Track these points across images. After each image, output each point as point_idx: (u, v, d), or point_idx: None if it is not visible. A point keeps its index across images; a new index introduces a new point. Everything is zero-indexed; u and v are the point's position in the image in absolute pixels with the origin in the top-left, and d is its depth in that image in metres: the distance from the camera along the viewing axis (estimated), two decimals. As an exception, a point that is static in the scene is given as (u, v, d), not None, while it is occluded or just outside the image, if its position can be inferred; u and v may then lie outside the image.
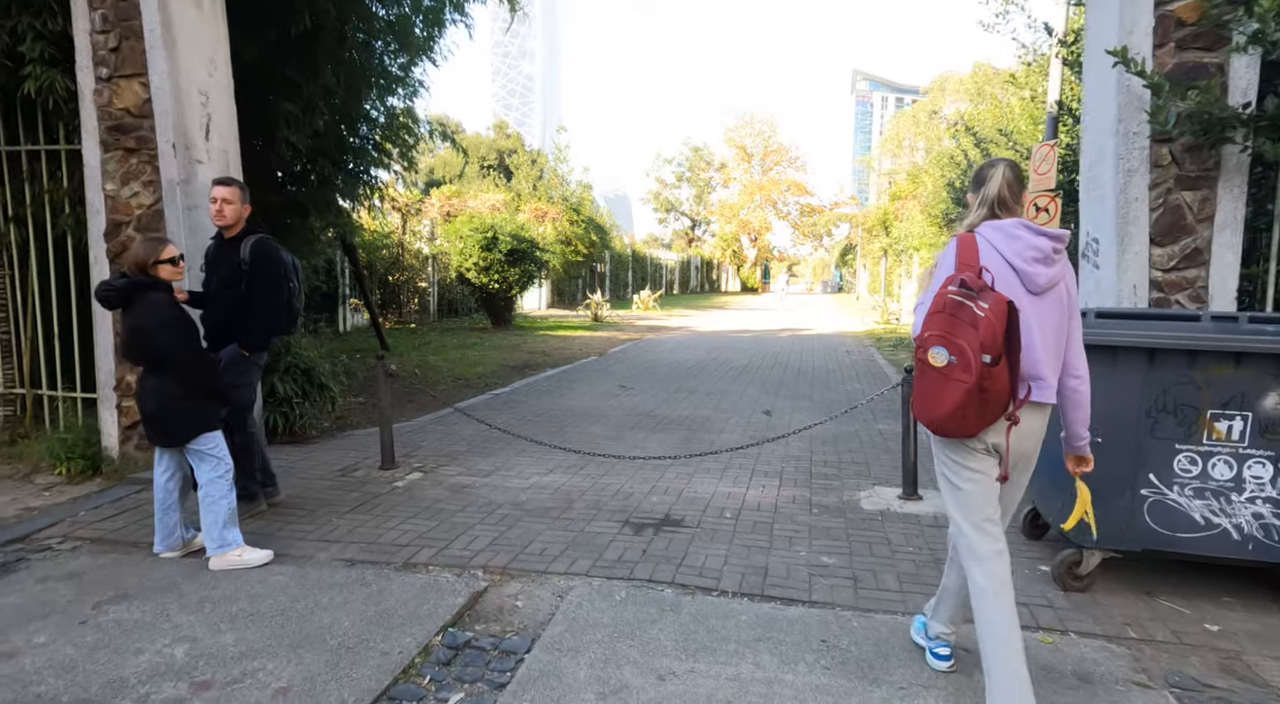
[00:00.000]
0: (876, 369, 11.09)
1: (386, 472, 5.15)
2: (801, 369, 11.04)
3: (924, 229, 16.81)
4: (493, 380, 9.68)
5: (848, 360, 12.18)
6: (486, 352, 12.80)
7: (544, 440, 5.78)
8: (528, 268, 16.54)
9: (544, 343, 14.53)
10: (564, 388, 9.03)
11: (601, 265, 31.06)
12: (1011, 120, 11.16)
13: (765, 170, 57.02)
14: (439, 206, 20.75)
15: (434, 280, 18.25)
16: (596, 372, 10.54)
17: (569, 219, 25.72)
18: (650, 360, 11.96)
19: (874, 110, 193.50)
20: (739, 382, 9.72)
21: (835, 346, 14.54)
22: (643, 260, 38.42)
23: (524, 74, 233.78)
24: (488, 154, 39.48)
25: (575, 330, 17.61)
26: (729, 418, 7.26)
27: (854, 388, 9.21)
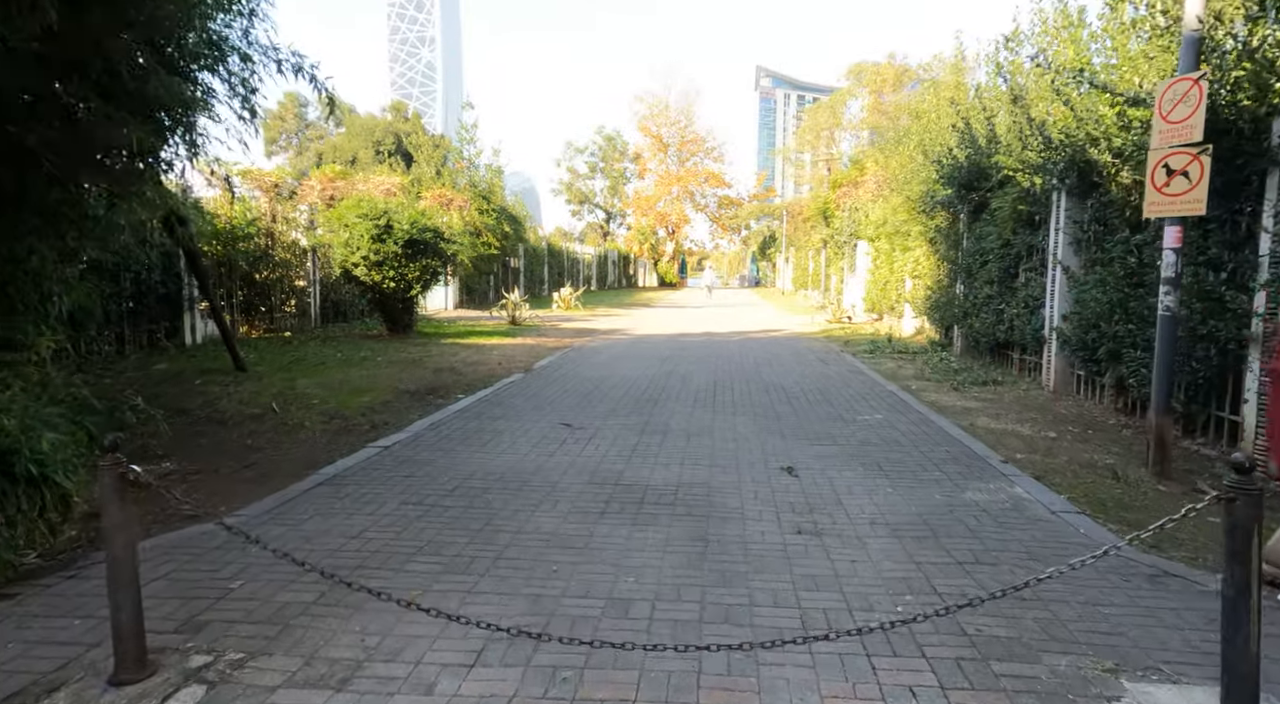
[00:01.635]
0: (876, 386, 8.96)
1: (122, 688, 2.45)
2: (786, 388, 8.78)
3: (888, 216, 14.92)
4: (383, 418, 6.94)
5: (832, 373, 10.02)
6: (378, 370, 9.94)
7: (466, 575, 3.21)
8: (430, 263, 13.66)
9: (453, 355, 11.76)
10: (484, 431, 6.40)
11: (515, 260, 28.18)
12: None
13: (682, 161, 55.17)
14: (319, 190, 17.46)
15: (315, 278, 15.07)
16: (525, 399, 7.95)
17: (478, 208, 22.78)
18: (591, 379, 9.44)
19: (777, 107, 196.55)
20: (719, 411, 7.35)
21: (802, 353, 12.41)
22: (559, 255, 35.69)
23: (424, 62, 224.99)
24: (384, 137, 35.72)
25: (490, 336, 14.84)
26: (738, 483, 4.86)
27: (875, 418, 6.99)
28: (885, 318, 17.28)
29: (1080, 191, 7.53)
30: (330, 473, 5.02)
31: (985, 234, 10.08)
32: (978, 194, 10.42)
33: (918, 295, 13.84)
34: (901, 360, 11.29)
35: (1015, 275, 9.55)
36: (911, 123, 15.58)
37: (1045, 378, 8.50)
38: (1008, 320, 9.38)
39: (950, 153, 10.73)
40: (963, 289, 11.34)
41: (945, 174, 10.85)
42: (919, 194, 12.32)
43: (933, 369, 10.22)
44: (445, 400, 7.92)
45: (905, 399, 8.00)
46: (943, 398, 8.18)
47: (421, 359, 11.14)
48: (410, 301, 14.06)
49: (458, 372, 9.99)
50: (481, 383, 9.08)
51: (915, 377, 9.69)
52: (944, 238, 11.89)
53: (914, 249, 13.94)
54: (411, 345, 12.87)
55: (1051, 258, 8.26)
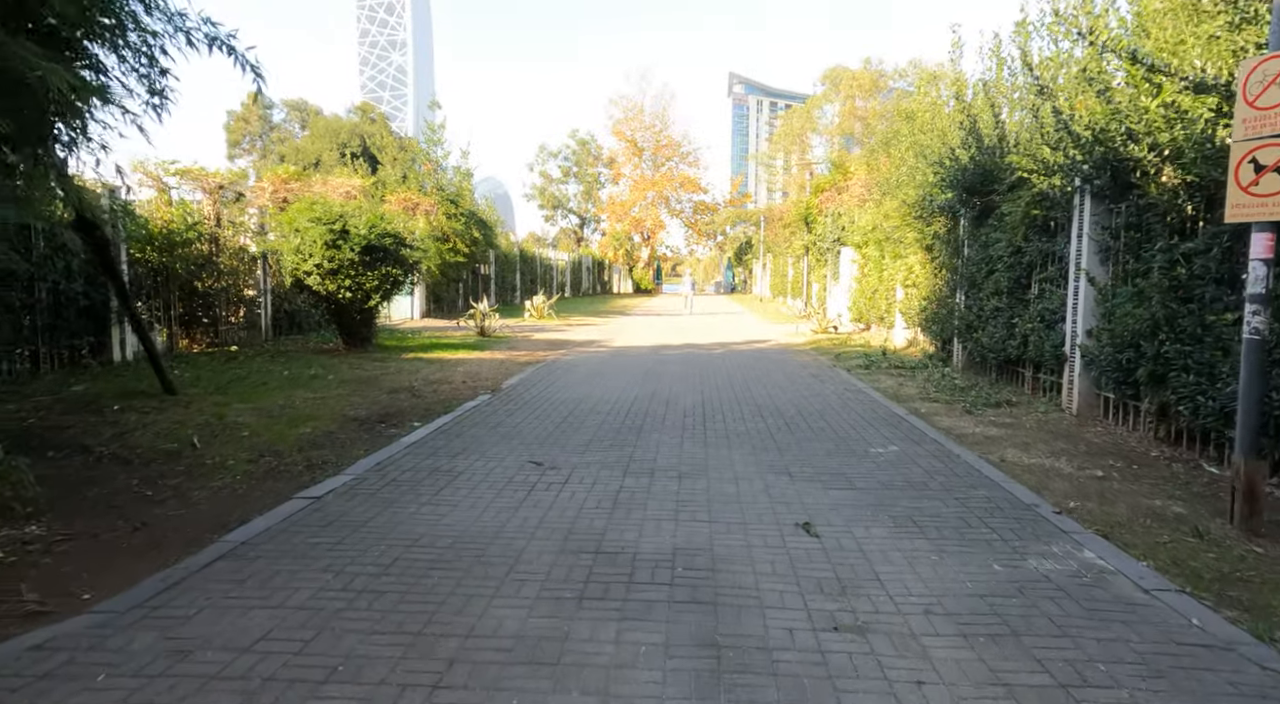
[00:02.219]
0: (879, 408, 8.12)
1: None
2: (781, 410, 7.90)
3: (879, 221, 14.16)
4: (322, 455, 5.93)
5: (829, 392, 9.17)
6: (327, 391, 8.91)
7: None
8: (391, 271, 12.61)
9: (414, 372, 10.73)
10: (439, 473, 5.42)
11: (486, 267, 27.11)
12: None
13: (657, 166, 54.39)
14: (271, 192, 16.29)
15: (265, 288, 13.93)
16: (489, 428, 6.98)
17: (446, 212, 21.70)
18: (566, 401, 8.49)
19: (750, 113, 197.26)
20: (711, 442, 6.44)
21: (793, 368, 11.57)
22: (531, 261, 34.64)
23: (395, 66, 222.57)
24: (349, 139, 34.43)
25: (457, 350, 13.81)
26: (748, 547, 3.95)
27: (890, 451, 6.12)
28: (873, 328, 16.54)
29: (1112, 194, 6.76)
30: (239, 538, 4.02)
31: (992, 241, 9.32)
32: (983, 198, 9.67)
33: (911, 306, 13.08)
34: (900, 377, 10.49)
35: (1027, 286, 8.79)
36: (902, 124, 14.87)
37: (1066, 399, 7.72)
38: (1019, 335, 8.60)
39: (952, 154, 9.96)
40: (964, 300, 10.58)
41: (947, 177, 10.08)
42: (915, 198, 11.56)
43: (936, 387, 9.42)
44: (398, 430, 6.93)
45: (916, 425, 7.16)
46: (957, 423, 7.35)
47: (378, 377, 10.10)
48: (369, 313, 12.98)
49: (417, 393, 8.98)
50: (442, 407, 8.09)
51: (920, 396, 8.87)
52: (943, 245, 11.14)
53: (907, 256, 13.19)
54: (369, 361, 11.81)
55: (1073, 267, 7.49)
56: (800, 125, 53.53)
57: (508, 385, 9.73)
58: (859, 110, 46.01)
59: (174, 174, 11.95)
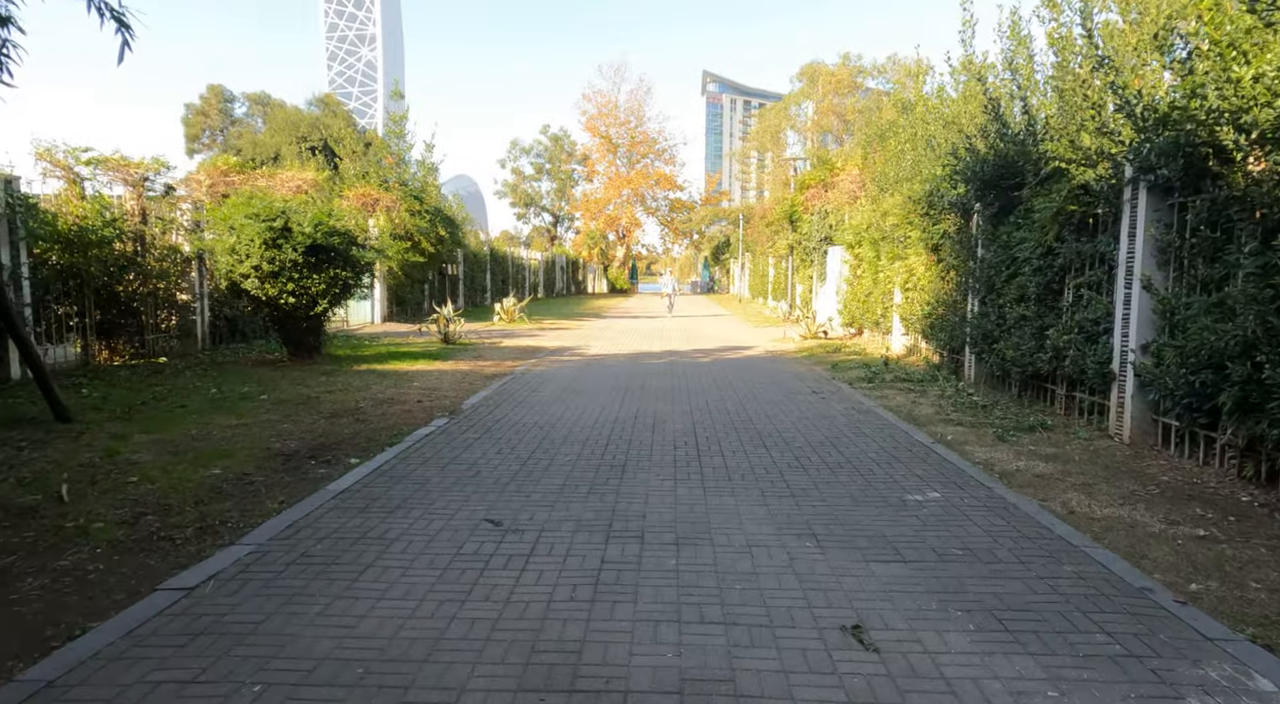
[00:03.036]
0: (898, 434, 7.03)
1: None
2: (787, 439, 6.78)
3: (875, 219, 13.11)
4: (222, 511, 4.68)
5: (836, 413, 8.07)
6: (257, 416, 7.62)
7: None
8: (340, 273, 11.29)
9: (363, 388, 9.46)
10: (368, 540, 4.20)
11: (453, 267, 25.74)
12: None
13: (632, 163, 53.18)
14: (208, 185, 14.82)
15: (202, 291, 12.53)
16: (441, 466, 5.77)
17: (409, 209, 20.31)
18: (535, 427, 7.30)
19: (724, 112, 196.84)
20: (711, 486, 5.29)
21: (789, 381, 10.46)
22: (503, 261, 33.26)
23: (364, 61, 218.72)
24: (310, 133, 32.76)
25: (416, 360, 12.53)
26: (783, 673, 2.80)
27: (930, 499, 5.02)
28: (866, 333, 15.54)
29: (1182, 184, 5.72)
30: (42, 676, 2.78)
31: (1016, 240, 8.29)
32: (1005, 193, 8.63)
33: (912, 311, 12.06)
34: (910, 392, 9.43)
35: (1059, 291, 7.77)
36: (898, 116, 13.88)
37: (1115, 424, 6.69)
38: (1051, 347, 7.57)
39: (968, 143, 8.91)
40: (977, 306, 9.56)
41: (961, 170, 9.04)
42: (921, 194, 10.52)
43: (954, 406, 8.37)
44: (330, 470, 5.69)
45: (949, 459, 6.07)
46: (994, 454, 6.28)
47: (320, 397, 8.80)
48: (317, 320, 11.64)
49: (362, 416, 7.72)
50: (388, 436, 6.85)
51: (939, 417, 7.81)
52: (953, 245, 10.11)
53: (908, 257, 12.17)
54: (315, 375, 10.49)
55: (1122, 271, 6.47)
56: (777, 122, 52.62)
57: (469, 405, 8.50)
58: (837, 107, 45.26)
59: (86, 163, 10.51)
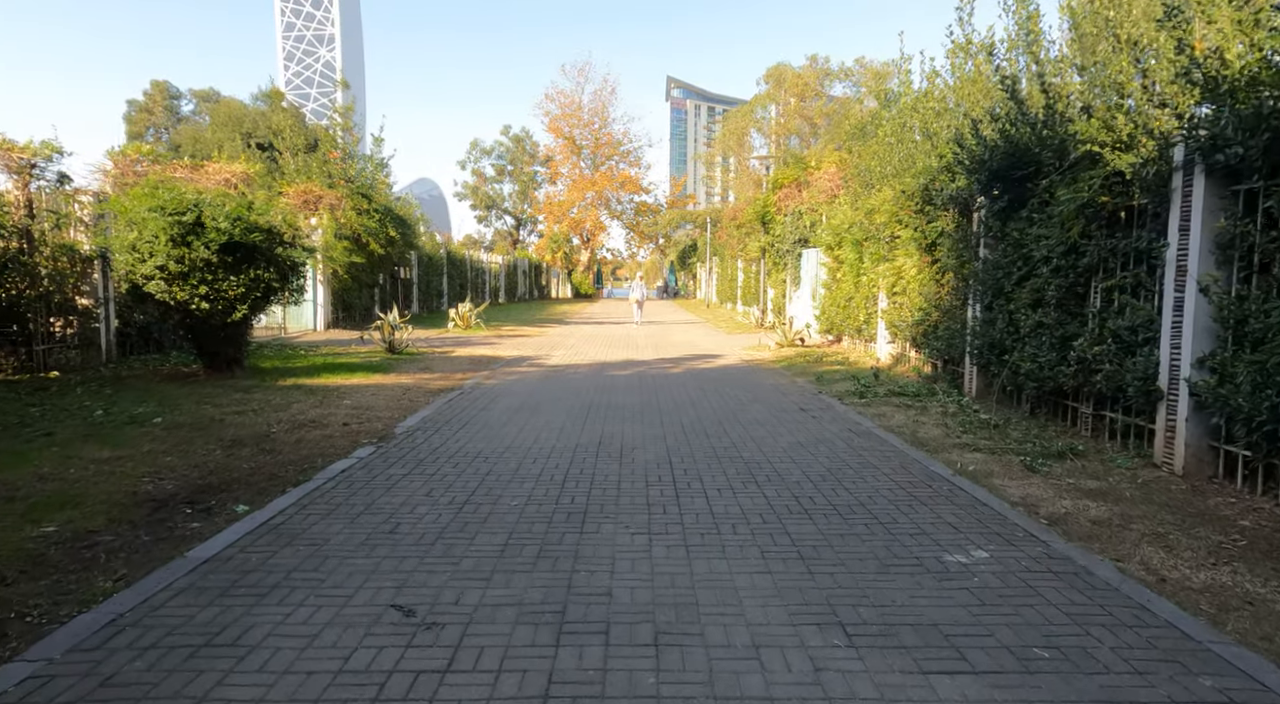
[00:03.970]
0: (912, 465, 5.95)
1: None
2: (782, 473, 5.65)
3: (860, 218, 12.11)
4: (30, 594, 3.39)
5: (832, 436, 6.97)
6: (138, 445, 6.27)
7: None
8: (262, 275, 9.91)
9: (282, 408, 8.12)
10: (214, 650, 2.96)
11: (406, 270, 24.27)
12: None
13: (596, 165, 51.96)
14: (117, 175, 13.25)
15: (107, 295, 11.02)
16: (350, 519, 4.53)
17: (355, 207, 18.86)
18: (477, 458, 6.08)
19: (688, 118, 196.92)
20: (692, 542, 4.13)
21: (771, 396, 9.36)
22: (460, 264, 31.79)
23: (322, 62, 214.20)
24: (255, 128, 30.94)
25: (354, 372, 11.17)
26: None
27: (978, 561, 3.92)
28: (846, 341, 14.56)
29: (1264, 167, 4.73)
30: None
31: (1030, 238, 7.31)
32: (1016, 184, 7.66)
33: (901, 316, 11.08)
34: (908, 409, 8.40)
35: (1084, 295, 6.79)
36: (882, 108, 12.96)
37: (1162, 451, 5.70)
38: (1077, 360, 6.58)
39: (974, 129, 7.92)
40: (980, 312, 8.58)
41: (964, 159, 8.05)
42: (915, 188, 9.54)
43: (962, 426, 7.35)
44: (206, 523, 4.41)
45: (978, 496, 5.00)
46: (1032, 491, 5.23)
47: (226, 419, 7.45)
48: (236, 328, 10.22)
49: (270, 445, 6.41)
50: (296, 472, 5.58)
51: (951, 441, 6.76)
52: (952, 244, 9.13)
53: (895, 258, 11.19)
54: (231, 391, 9.11)
55: (1171, 271, 5.50)
56: (742, 125, 51.89)
57: (404, 428, 7.24)
58: (804, 109, 44.66)
59: (-47, 145, 9.00)
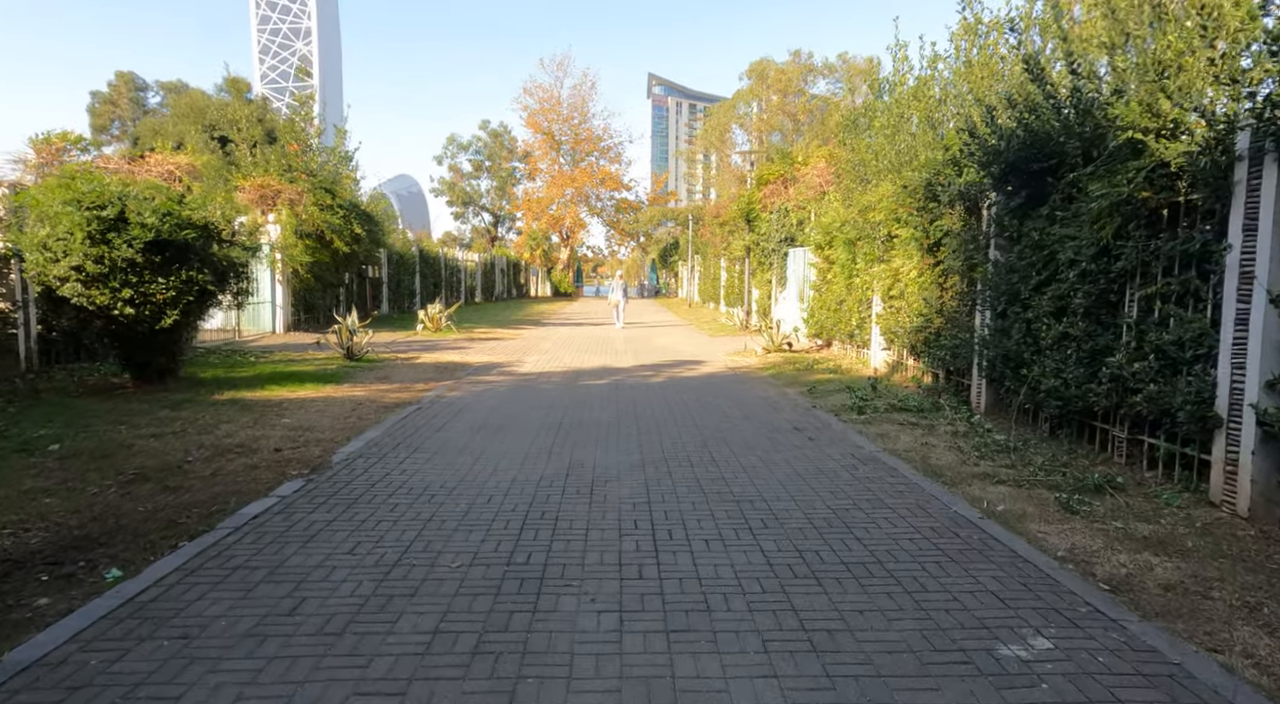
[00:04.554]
0: (930, 505, 5.12)
1: None
2: (779, 513, 4.79)
3: (854, 216, 11.29)
4: None
5: (834, 465, 6.12)
6: (16, 481, 5.29)
7: None
8: (196, 276, 8.89)
9: (210, 429, 7.15)
10: None
11: (375, 269, 23.18)
12: None
13: (576, 161, 50.90)
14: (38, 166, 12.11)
15: (25, 299, 9.93)
16: (244, 591, 3.60)
17: (317, 202, 17.77)
18: (423, 494, 5.16)
19: (669, 115, 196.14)
20: (675, 623, 3.25)
21: (759, 410, 8.51)
22: (434, 262, 30.68)
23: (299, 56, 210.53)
24: (218, 120, 29.63)
25: (303, 383, 10.18)
26: None
27: (1040, 656, 3.07)
28: (838, 346, 13.76)
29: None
30: None
31: (1054, 238, 6.50)
32: (1035, 178, 6.85)
33: (899, 322, 10.28)
34: (913, 428, 7.57)
35: (1117, 304, 5.99)
36: (875, 99, 12.14)
37: (1223, 489, 4.90)
38: (1110, 378, 5.78)
39: (989, 118, 7.09)
40: (990, 320, 7.79)
41: (980, 151, 7.23)
42: (917, 183, 8.73)
43: (977, 450, 6.53)
44: (58, 595, 3.48)
45: (1016, 549, 4.17)
46: (1078, 540, 4.40)
47: (136, 445, 6.47)
48: (167, 336, 9.18)
49: (177, 480, 5.45)
50: (199, 516, 4.64)
51: (969, 470, 5.94)
52: (959, 244, 8.31)
53: (891, 259, 10.39)
54: (156, 407, 8.10)
55: (1235, 277, 4.70)
56: (725, 121, 51.06)
57: (344, 455, 6.30)
58: (788, 105, 43.91)
59: None
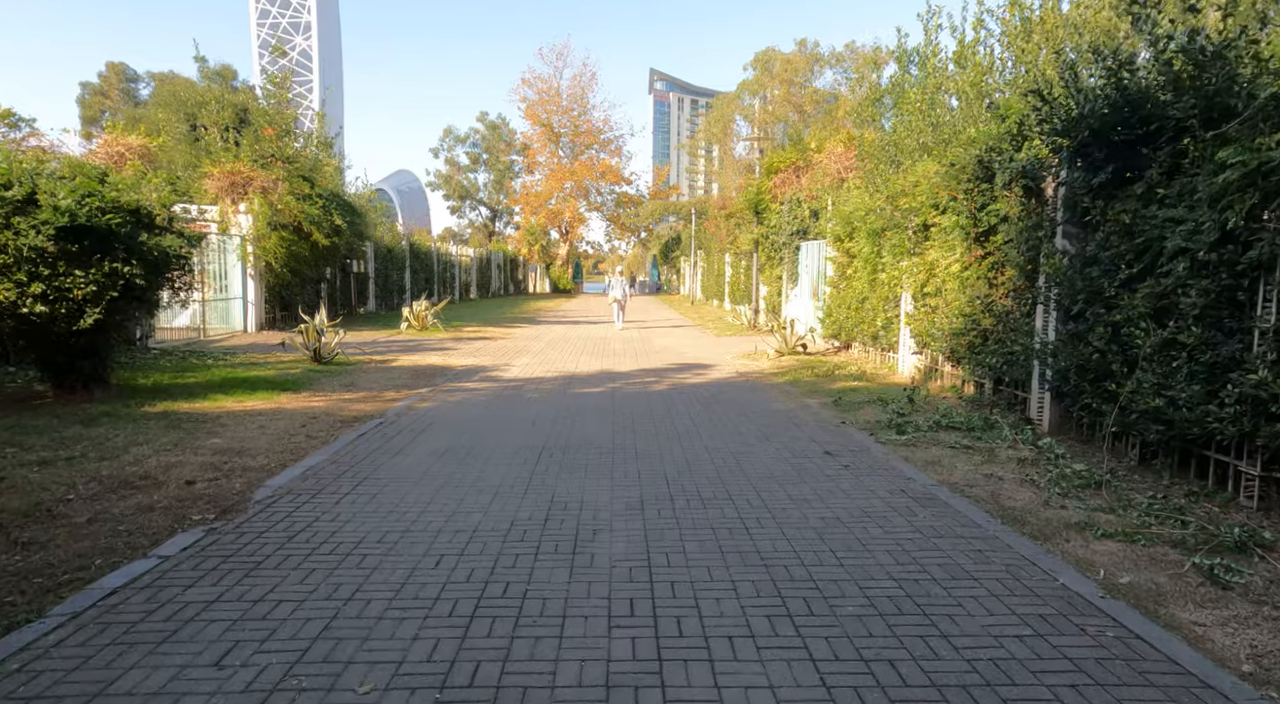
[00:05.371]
0: (1014, 564, 3.85)
1: None
2: (820, 580, 3.52)
3: (882, 204, 9.99)
4: None
5: (882, 504, 4.84)
6: None
7: None
8: (124, 269, 7.62)
9: (121, 450, 5.90)
10: None
11: (360, 264, 21.91)
12: None
13: (575, 154, 49.54)
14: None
15: (-64, 294, 8.66)
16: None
17: (294, 191, 16.49)
18: (353, 552, 3.90)
19: (671, 111, 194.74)
20: None
21: (781, 428, 7.23)
22: (426, 257, 29.40)
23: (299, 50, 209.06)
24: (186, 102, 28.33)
25: (254, 392, 8.92)
26: None
27: None
28: (858, 348, 12.49)
29: None
30: None
31: (1154, 221, 5.23)
32: (1127, 149, 5.57)
33: (935, 323, 9.01)
34: (967, 451, 6.30)
35: (1244, 304, 4.72)
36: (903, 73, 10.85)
37: None
38: (1240, 399, 4.50)
39: (1069, 74, 5.80)
40: (1058, 322, 6.52)
41: (1058, 118, 5.94)
42: (967, 161, 7.45)
43: (1058, 485, 5.25)
44: None
45: (1185, 662, 2.90)
46: (1258, 638, 3.13)
47: (9, 475, 5.21)
48: (92, 337, 7.89)
49: (37, 532, 4.19)
50: (36, 592, 3.39)
51: (1057, 515, 4.67)
52: (1018, 231, 7.03)
53: (928, 251, 9.12)
54: (66, 424, 6.85)
55: None
56: (728, 112, 49.71)
57: (270, 491, 5.04)
58: (794, 96, 42.54)
59: None
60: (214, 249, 15.57)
